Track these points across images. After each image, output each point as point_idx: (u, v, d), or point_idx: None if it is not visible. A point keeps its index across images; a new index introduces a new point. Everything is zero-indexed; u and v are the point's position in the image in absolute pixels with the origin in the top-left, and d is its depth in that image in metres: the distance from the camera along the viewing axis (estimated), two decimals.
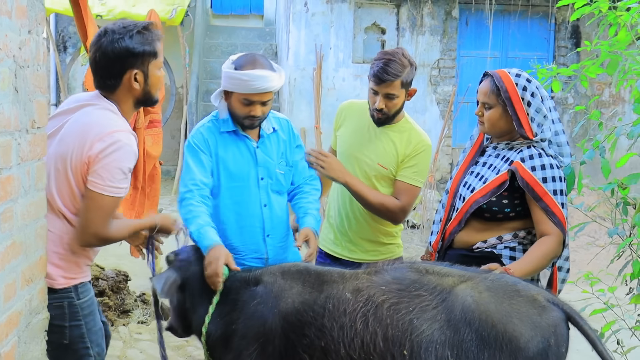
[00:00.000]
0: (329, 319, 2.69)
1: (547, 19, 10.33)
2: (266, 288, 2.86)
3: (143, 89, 2.72)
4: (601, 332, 3.37)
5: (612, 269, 3.58)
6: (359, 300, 2.67)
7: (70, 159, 2.62)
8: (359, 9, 10.12)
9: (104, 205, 2.60)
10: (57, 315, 2.72)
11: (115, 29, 2.64)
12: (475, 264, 3.06)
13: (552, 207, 3.02)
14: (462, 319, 2.53)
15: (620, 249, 3.17)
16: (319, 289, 2.79)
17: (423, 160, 3.56)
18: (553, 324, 2.55)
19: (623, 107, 10.42)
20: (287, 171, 3.42)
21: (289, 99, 10.09)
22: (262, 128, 3.35)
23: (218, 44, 12.05)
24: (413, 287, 2.65)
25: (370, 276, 2.77)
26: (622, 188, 3.18)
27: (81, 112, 2.70)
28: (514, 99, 3.10)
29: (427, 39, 10.19)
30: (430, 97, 10.26)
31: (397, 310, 2.61)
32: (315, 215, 3.39)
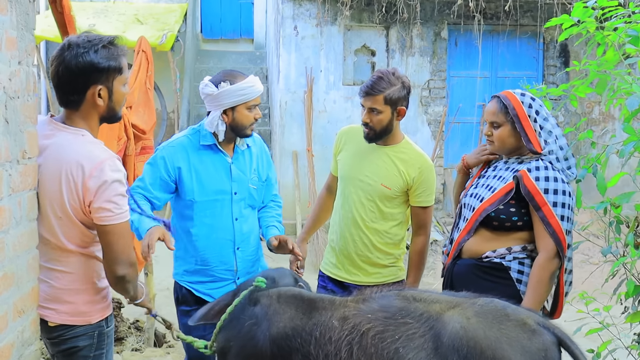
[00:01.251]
0: (314, 347, 2.68)
1: (535, 38, 10.41)
2: (262, 310, 2.86)
3: (107, 105, 2.62)
4: (597, 352, 3.36)
5: (606, 288, 3.58)
6: (345, 328, 2.66)
7: (69, 204, 2.56)
8: (348, 32, 10.17)
9: (123, 231, 2.57)
10: (87, 346, 2.70)
11: (80, 42, 2.55)
12: (484, 273, 3.19)
13: (549, 218, 3.09)
14: (449, 347, 2.50)
15: (615, 268, 3.17)
16: (309, 315, 2.78)
17: (430, 180, 3.70)
18: (543, 348, 2.52)
19: (613, 124, 10.47)
20: (259, 186, 3.60)
21: (280, 122, 10.10)
22: (237, 144, 3.52)
23: (209, 68, 12.08)
24: (399, 314, 2.63)
25: (357, 304, 2.76)
26: (615, 207, 3.19)
27: (55, 146, 2.61)
28: (521, 116, 3.22)
29: (416, 60, 10.24)
30: (421, 117, 10.29)
31: (382, 338, 2.59)
32: (277, 226, 3.60)
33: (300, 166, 9.92)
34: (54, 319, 2.66)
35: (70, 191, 2.54)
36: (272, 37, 11.46)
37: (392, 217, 3.70)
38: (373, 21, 10.05)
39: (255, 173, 3.59)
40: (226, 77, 3.42)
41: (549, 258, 3.10)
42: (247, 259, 3.57)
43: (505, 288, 3.15)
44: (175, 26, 10.70)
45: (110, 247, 2.56)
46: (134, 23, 10.77)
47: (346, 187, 3.74)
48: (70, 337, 2.67)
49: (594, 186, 3.34)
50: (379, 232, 3.69)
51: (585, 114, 10.39)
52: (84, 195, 2.53)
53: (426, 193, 3.69)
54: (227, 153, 3.51)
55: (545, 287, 3.11)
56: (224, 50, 13.46)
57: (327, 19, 9.99)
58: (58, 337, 2.68)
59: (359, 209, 3.69)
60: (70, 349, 2.69)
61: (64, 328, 2.67)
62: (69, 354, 2.70)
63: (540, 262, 3.11)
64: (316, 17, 9.99)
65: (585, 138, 3.40)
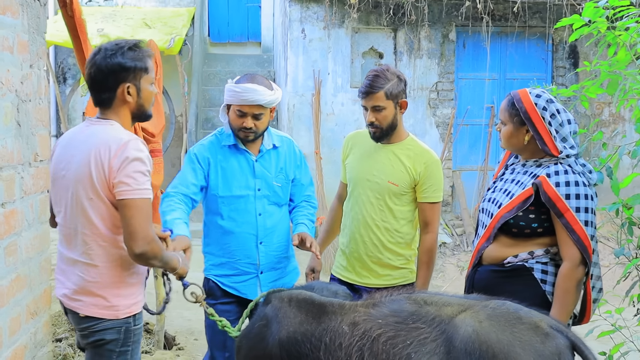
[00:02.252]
0: (324, 353, 2.68)
1: (544, 39, 10.38)
2: (272, 311, 2.88)
3: (136, 102, 2.86)
4: (610, 355, 3.34)
5: (618, 290, 3.56)
6: (355, 334, 2.65)
7: (98, 183, 2.71)
8: (356, 34, 10.18)
9: (141, 208, 2.68)
10: (113, 340, 2.83)
11: (109, 46, 2.82)
12: (506, 278, 3.12)
13: (573, 225, 3.01)
14: (462, 350, 2.47)
15: (627, 270, 3.15)
16: (318, 320, 2.78)
17: (437, 175, 3.69)
18: (557, 351, 2.48)
19: (623, 126, 10.43)
20: (284, 184, 3.71)
21: (288, 125, 10.11)
22: (263, 144, 3.67)
23: (216, 72, 12.09)
24: (411, 319, 2.61)
25: (367, 309, 2.74)
26: (627, 208, 3.17)
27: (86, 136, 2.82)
28: (533, 118, 3.14)
29: (425, 62, 10.23)
30: (430, 120, 10.28)
31: (393, 344, 2.57)
32: (307, 224, 3.69)
33: None
34: (83, 310, 2.79)
35: (98, 171, 2.70)
36: (280, 40, 11.48)
37: (402, 215, 3.70)
38: (381, 23, 10.05)
39: (282, 172, 3.70)
40: (244, 77, 3.58)
41: (574, 267, 3.01)
42: (271, 254, 3.66)
43: (530, 290, 3.09)
44: (183, 30, 10.71)
45: (128, 221, 2.67)
46: (142, 27, 10.79)
47: (355, 189, 3.77)
48: (98, 330, 2.79)
49: (604, 188, 3.31)
50: (389, 231, 3.69)
51: (595, 115, 10.35)
52: (109, 173, 2.69)
53: (432, 188, 3.67)
54: (252, 152, 3.65)
55: (573, 297, 3.03)
56: (232, 53, 13.46)
57: (334, 21, 9.99)
58: (87, 328, 2.80)
59: (369, 208, 3.71)
60: (98, 341, 2.81)
61: (92, 320, 2.79)
62: (96, 346, 2.82)
63: (565, 272, 3.02)
64: (324, 20, 10.00)
65: (597, 140, 3.38)
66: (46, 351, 3.04)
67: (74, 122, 11.92)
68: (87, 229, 2.76)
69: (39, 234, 3.56)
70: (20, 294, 3.32)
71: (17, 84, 3.29)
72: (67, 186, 2.80)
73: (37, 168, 3.53)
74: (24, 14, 3.41)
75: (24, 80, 3.39)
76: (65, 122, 11.22)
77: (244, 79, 3.56)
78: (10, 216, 3.22)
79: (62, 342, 4.78)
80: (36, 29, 3.59)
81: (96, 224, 2.75)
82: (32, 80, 3.52)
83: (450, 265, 8.43)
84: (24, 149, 3.37)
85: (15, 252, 3.28)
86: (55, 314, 5.30)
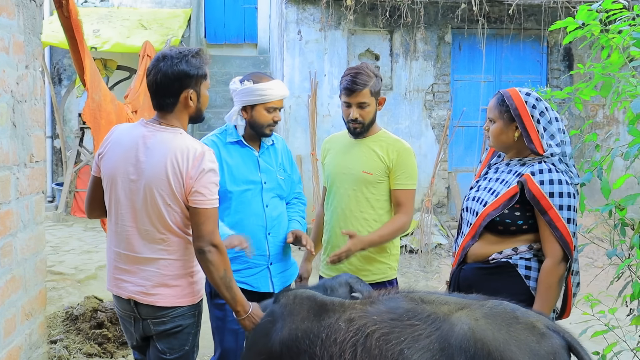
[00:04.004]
0: (320, 348, 2.70)
1: (539, 42, 10.41)
2: (279, 309, 2.94)
3: (196, 106, 3.02)
4: (603, 354, 3.35)
5: (611, 290, 3.58)
6: (350, 330, 2.67)
7: (177, 191, 2.90)
8: (352, 36, 10.19)
9: (211, 216, 2.91)
10: (190, 324, 3.08)
11: (173, 54, 2.95)
12: (491, 274, 3.17)
13: (556, 222, 3.07)
14: (457, 347, 2.47)
15: (620, 270, 3.17)
16: (319, 317, 2.81)
17: (409, 163, 3.78)
18: (552, 351, 2.49)
19: (617, 128, 10.47)
20: (286, 178, 3.87)
21: (284, 127, 10.12)
22: (263, 140, 3.81)
23: (213, 73, 12.12)
24: (406, 316, 2.62)
25: (365, 306, 2.76)
26: (620, 209, 3.18)
27: (158, 143, 2.95)
28: (523, 116, 3.20)
29: (420, 64, 10.25)
30: (425, 121, 10.30)
31: (387, 340, 2.58)
32: (299, 220, 3.86)
33: (304, 170, 9.93)
34: (162, 302, 2.99)
35: (176, 179, 2.89)
36: (276, 42, 11.49)
37: (379, 204, 3.77)
38: (377, 25, 10.07)
39: (282, 167, 3.87)
40: (251, 77, 3.71)
41: (556, 263, 3.08)
42: (278, 245, 3.77)
43: (514, 286, 3.14)
44: (179, 31, 10.73)
45: (198, 226, 2.90)
46: (138, 28, 10.81)
47: (333, 184, 3.88)
48: (176, 316, 3.02)
49: (597, 189, 3.33)
50: (368, 221, 3.76)
51: (589, 117, 10.38)
52: (186, 181, 2.88)
53: (405, 176, 3.75)
54: (255, 148, 3.78)
55: (555, 292, 3.09)
56: (228, 55, 13.48)
57: (330, 23, 10.01)
58: (164, 316, 3.01)
59: (346, 201, 3.79)
60: (175, 327, 3.03)
61: (169, 309, 3.01)
62: (174, 332, 3.04)
63: (548, 268, 3.08)
64: (320, 22, 10.01)
65: (590, 141, 3.40)
66: (41, 352, 3.04)
67: (69, 123, 11.91)
68: (164, 229, 2.95)
69: (35, 234, 3.56)
70: (16, 295, 3.33)
71: (12, 85, 3.29)
72: (137, 190, 2.94)
73: (33, 169, 3.53)
74: (20, 14, 3.42)
75: (20, 81, 3.39)
76: (60, 123, 11.22)
77: (258, 78, 3.70)
78: (6, 217, 3.23)
79: (57, 344, 4.79)
80: (32, 29, 3.60)
81: (172, 226, 2.94)
82: (28, 80, 3.52)
83: (446, 266, 8.44)
84: (19, 149, 3.38)
85: (11, 253, 3.28)
86: (50, 316, 5.31)
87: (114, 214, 3.02)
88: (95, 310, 5.28)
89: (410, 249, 9.09)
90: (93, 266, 7.18)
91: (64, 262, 7.37)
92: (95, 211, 3.19)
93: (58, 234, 9.08)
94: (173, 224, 2.95)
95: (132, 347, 3.24)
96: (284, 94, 3.71)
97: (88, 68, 4.46)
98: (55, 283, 6.33)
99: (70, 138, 11.45)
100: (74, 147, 10.70)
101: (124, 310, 3.11)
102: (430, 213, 9.37)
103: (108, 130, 4.15)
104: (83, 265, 7.21)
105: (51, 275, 6.48)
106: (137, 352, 3.25)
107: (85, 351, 4.90)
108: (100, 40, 10.25)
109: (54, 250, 7.91)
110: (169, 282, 2.99)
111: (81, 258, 7.63)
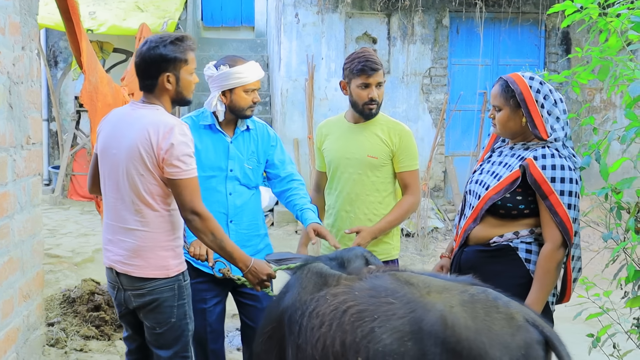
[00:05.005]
0: (306, 319, 2.77)
1: (537, 26, 10.39)
2: (293, 281, 3.06)
3: (175, 89, 3.15)
4: (597, 337, 3.37)
5: (607, 273, 3.59)
6: (332, 304, 2.71)
7: (148, 161, 3.03)
8: (349, 19, 10.16)
9: (188, 186, 3.04)
10: (169, 297, 3.16)
11: (154, 39, 3.12)
12: (492, 257, 3.21)
13: (556, 207, 3.09)
14: (427, 332, 2.46)
15: (615, 253, 3.18)
16: (318, 290, 2.88)
17: (411, 144, 3.88)
18: (524, 345, 2.45)
19: (614, 112, 10.47)
20: (255, 167, 3.85)
21: (281, 110, 10.11)
22: (238, 126, 3.80)
23: (209, 56, 12.05)
24: (385, 295, 2.62)
25: (353, 282, 2.81)
26: (616, 193, 3.19)
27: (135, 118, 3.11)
28: (528, 101, 3.21)
29: (418, 48, 10.23)
30: (423, 105, 10.29)
31: (360, 317, 2.59)
32: (312, 208, 3.83)
33: (301, 154, 9.93)
34: (137, 273, 3.11)
35: (147, 150, 3.02)
36: (273, 25, 11.45)
37: (384, 187, 3.86)
38: (374, 8, 10.04)
39: (254, 155, 3.84)
40: (227, 61, 3.71)
41: (555, 248, 3.10)
42: (241, 233, 3.79)
43: (514, 269, 3.18)
44: (176, 14, 10.67)
45: (178, 197, 3.06)
46: (135, 10, 10.74)
47: (337, 169, 3.91)
48: (153, 289, 3.13)
49: (594, 173, 3.34)
50: (373, 204, 3.84)
51: (586, 101, 10.38)
52: (157, 153, 3.01)
53: (409, 157, 3.85)
54: (228, 133, 3.78)
55: (552, 277, 3.12)
56: (225, 38, 13.43)
57: (328, 6, 9.97)
58: (141, 287, 3.13)
59: (352, 184, 3.85)
60: (154, 301, 3.14)
61: (146, 280, 3.12)
62: (154, 307, 3.15)
63: (547, 253, 3.11)
64: (317, 5, 9.97)
65: (587, 125, 3.40)
66: (39, 334, 3.06)
67: (66, 106, 11.88)
68: (139, 200, 3.07)
69: (32, 216, 3.56)
70: (13, 276, 3.34)
71: (9, 66, 3.28)
72: (117, 163, 3.09)
73: (30, 151, 3.53)
74: None
75: (16, 62, 3.38)
76: (56, 105, 11.18)
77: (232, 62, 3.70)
78: (3, 199, 3.23)
79: (55, 326, 4.80)
80: (28, 10, 3.58)
81: (146, 196, 3.07)
82: (24, 62, 3.51)
83: (442, 249, 8.46)
84: (16, 131, 3.37)
85: (8, 235, 3.28)
86: (47, 298, 5.32)
87: (102, 188, 3.22)
88: (93, 293, 5.29)
89: (407, 232, 9.11)
90: (90, 249, 7.18)
91: (60, 245, 7.38)
92: (95, 186, 3.34)
93: (55, 217, 9.08)
94: (147, 195, 3.07)
95: (120, 317, 3.36)
96: (260, 75, 3.75)
97: (85, 50, 4.44)
98: (52, 266, 6.34)
99: (67, 121, 11.42)
100: (70, 130, 10.67)
101: (110, 280, 3.27)
102: (427, 197, 9.39)
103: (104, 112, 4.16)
104: (80, 249, 7.21)
105: (48, 258, 6.48)
106: (124, 325, 3.39)
107: (83, 333, 4.91)
108: (96, 22, 10.19)
109: (50, 233, 7.91)
110: (143, 254, 3.11)
111: (78, 241, 7.63)
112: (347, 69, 3.82)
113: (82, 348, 4.70)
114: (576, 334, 3.72)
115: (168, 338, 3.19)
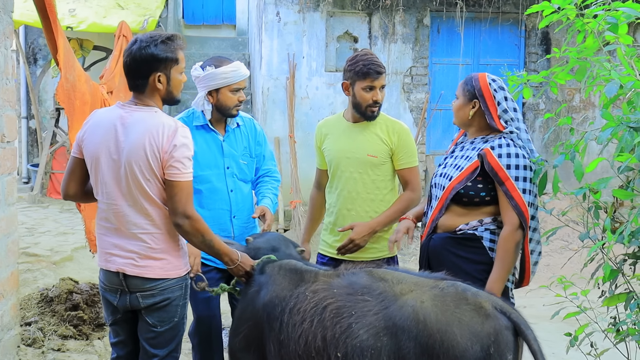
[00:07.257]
0: (287, 315, 2.90)
1: (517, 25, 10.44)
2: (265, 279, 3.13)
3: (166, 89, 3.13)
4: (575, 335, 3.40)
5: (585, 273, 3.62)
6: (312, 300, 2.86)
7: (154, 165, 3.02)
8: (331, 18, 10.15)
9: (184, 188, 3.03)
10: (178, 296, 3.19)
11: (144, 38, 3.08)
12: (458, 245, 3.42)
13: (512, 192, 3.32)
14: (400, 327, 2.64)
15: (592, 253, 3.20)
16: (295, 287, 2.99)
17: (409, 142, 3.97)
18: (494, 332, 2.62)
19: (594, 112, 10.55)
20: (249, 162, 4.01)
21: (262, 109, 10.08)
22: (228, 124, 3.95)
23: (191, 54, 11.99)
24: (361, 292, 2.79)
25: (329, 279, 2.95)
26: (594, 192, 3.21)
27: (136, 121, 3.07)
28: (486, 95, 3.48)
29: (399, 47, 10.24)
30: (404, 104, 10.31)
31: (339, 314, 2.75)
32: (271, 198, 4.00)
33: (282, 152, 9.91)
34: (151, 274, 3.11)
35: (153, 154, 3.01)
36: (255, 23, 11.42)
37: (384, 184, 3.94)
38: (356, 7, 10.04)
39: (246, 150, 3.99)
40: (213, 62, 3.83)
41: (513, 230, 3.31)
42: (243, 226, 3.96)
43: (479, 257, 3.41)
44: (157, 11, 10.60)
45: (171, 198, 3.04)
46: (115, 8, 10.66)
47: (337, 168, 3.97)
48: (165, 289, 3.13)
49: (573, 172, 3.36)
50: (374, 201, 3.92)
51: (566, 101, 10.44)
52: (162, 156, 3.01)
53: (408, 155, 3.93)
54: (219, 132, 3.92)
55: (511, 257, 3.32)
56: (206, 36, 13.36)
57: (309, 5, 9.96)
58: (153, 288, 3.12)
59: (352, 183, 3.92)
60: (164, 300, 3.14)
61: (157, 281, 3.12)
62: (163, 306, 3.15)
63: (505, 235, 3.32)
64: (298, 3, 9.96)
65: (564, 124, 3.42)
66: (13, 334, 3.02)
67: (45, 103, 11.77)
68: (149, 204, 3.07)
69: (6, 216, 3.52)
70: None
71: None
72: (119, 168, 3.05)
73: (4, 149, 3.49)
74: None
75: None
76: (35, 103, 11.08)
77: (218, 62, 3.81)
78: None
79: (32, 326, 4.75)
80: (3, 7, 3.53)
81: (155, 199, 3.07)
82: None
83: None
84: None
85: None
86: (24, 297, 5.27)
87: (101, 193, 3.14)
88: (71, 292, 5.24)
89: None
90: (69, 248, 7.11)
91: (39, 243, 7.30)
92: (71, 191, 3.26)
93: (33, 216, 8.99)
94: (157, 198, 3.07)
95: (111, 324, 3.31)
96: (245, 74, 3.85)
97: (62, 47, 4.40)
98: (30, 265, 6.27)
99: (46, 119, 11.32)
100: (49, 128, 10.57)
101: (110, 285, 3.19)
102: None
103: (82, 111, 4.11)
104: (59, 247, 7.14)
105: (26, 256, 6.42)
106: (115, 331, 3.32)
107: (60, 333, 4.87)
108: (76, 19, 10.10)
109: (29, 232, 7.83)
110: (156, 255, 3.10)
111: (57, 240, 7.56)
112: (351, 71, 3.86)
113: (60, 348, 4.66)
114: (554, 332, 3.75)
115: (167, 337, 3.20)
